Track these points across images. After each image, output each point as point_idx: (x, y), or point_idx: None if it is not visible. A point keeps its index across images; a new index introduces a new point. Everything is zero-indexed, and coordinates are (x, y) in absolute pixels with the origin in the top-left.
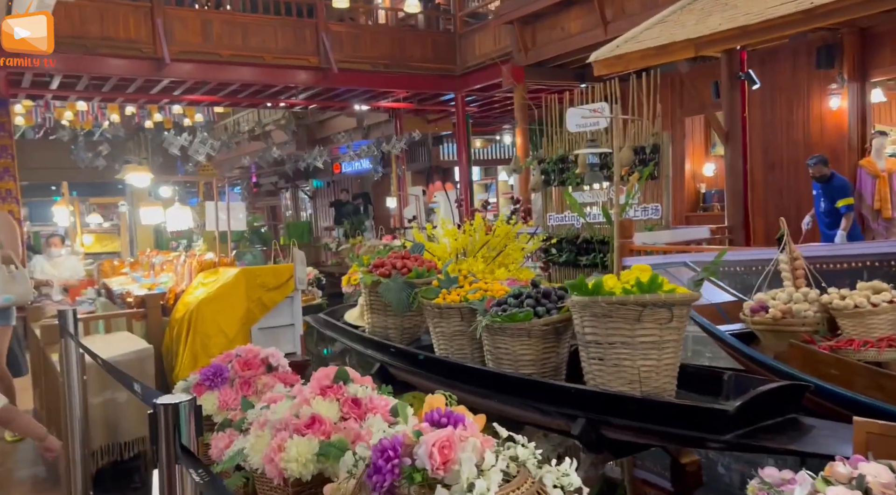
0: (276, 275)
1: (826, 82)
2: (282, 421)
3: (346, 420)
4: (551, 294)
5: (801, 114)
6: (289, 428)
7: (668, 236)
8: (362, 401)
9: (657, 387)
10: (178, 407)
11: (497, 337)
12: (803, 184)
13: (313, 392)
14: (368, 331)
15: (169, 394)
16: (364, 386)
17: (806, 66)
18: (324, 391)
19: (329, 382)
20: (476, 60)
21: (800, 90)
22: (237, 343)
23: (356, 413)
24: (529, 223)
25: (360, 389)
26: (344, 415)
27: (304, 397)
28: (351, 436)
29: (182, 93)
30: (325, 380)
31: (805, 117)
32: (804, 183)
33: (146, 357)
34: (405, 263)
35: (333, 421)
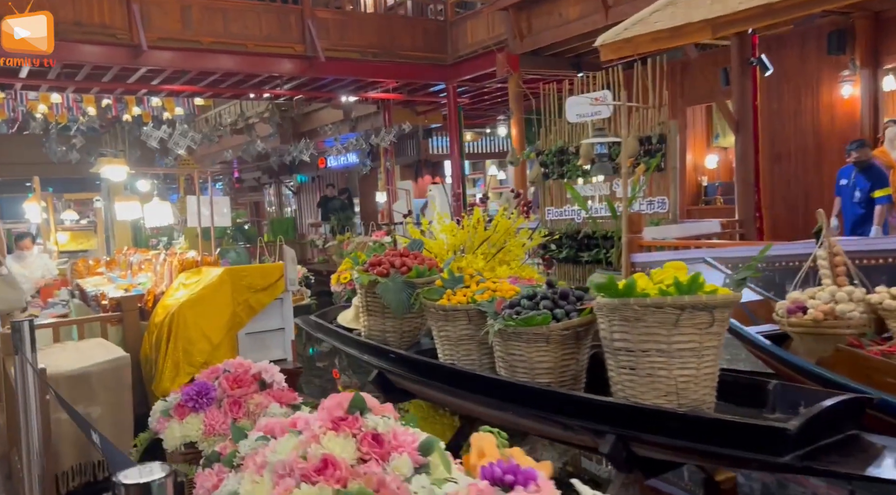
0: (264, 275)
1: (836, 69)
2: (285, 464)
3: (366, 462)
4: (569, 294)
5: (809, 102)
6: (294, 474)
7: (678, 230)
8: (385, 438)
9: (696, 400)
10: (150, 488)
11: (511, 342)
12: (811, 176)
13: (323, 426)
14: (365, 334)
15: (141, 466)
16: (385, 417)
17: (815, 53)
18: (336, 424)
19: (342, 413)
20: (468, 49)
21: (808, 77)
22: (222, 349)
23: (378, 452)
24: (531, 217)
25: (382, 422)
26: (363, 456)
27: (312, 433)
28: (373, 484)
29: (160, 82)
30: (338, 411)
31: (814, 106)
32: (812, 174)
33: (122, 366)
34: (404, 261)
35: (350, 464)
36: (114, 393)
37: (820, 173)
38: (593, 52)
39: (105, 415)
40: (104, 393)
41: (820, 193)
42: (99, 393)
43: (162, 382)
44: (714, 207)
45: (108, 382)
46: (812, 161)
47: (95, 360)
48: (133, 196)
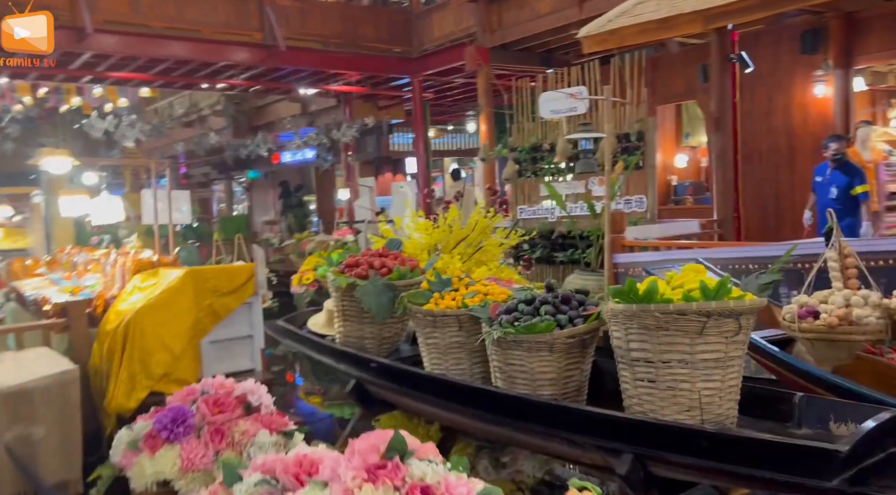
0: (230, 277)
1: (810, 68)
2: None
3: None
4: (571, 299)
5: (781, 101)
6: None
7: (659, 230)
8: (435, 491)
9: (720, 415)
10: None
11: (510, 351)
12: (783, 175)
13: (357, 476)
14: (340, 341)
15: None
16: (432, 462)
17: (788, 52)
18: (374, 474)
19: (379, 458)
20: (434, 42)
21: (781, 77)
22: (184, 360)
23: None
24: (509, 215)
25: (430, 469)
26: None
27: (344, 487)
28: None
29: (106, 69)
30: (374, 455)
31: (786, 105)
32: (784, 173)
33: (70, 381)
34: (384, 262)
35: None
36: (60, 412)
37: (792, 173)
38: (563, 48)
39: (50, 437)
40: (49, 412)
41: (791, 194)
42: (42, 412)
43: (116, 398)
44: (684, 207)
45: (54, 399)
46: (784, 161)
47: (38, 374)
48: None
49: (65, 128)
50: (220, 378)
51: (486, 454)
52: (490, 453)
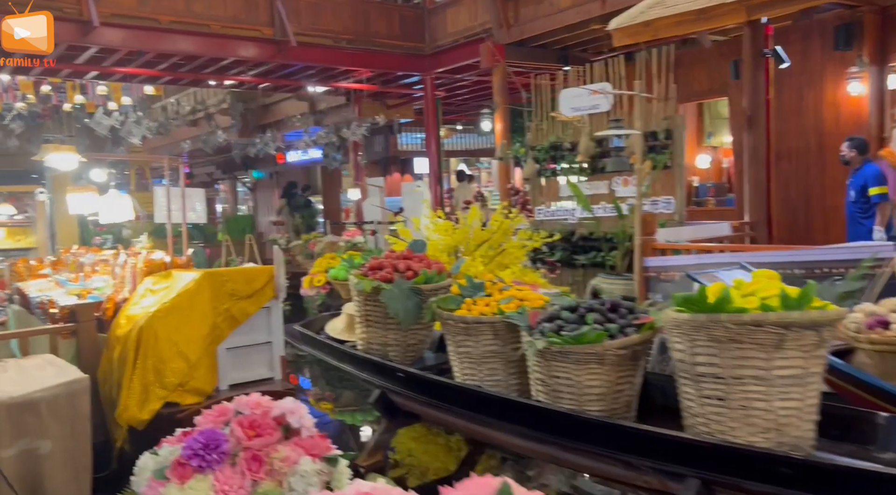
0: (248, 280)
1: (843, 65)
2: None
3: None
4: (620, 307)
5: (812, 99)
6: None
7: (690, 233)
8: None
9: (797, 437)
10: None
11: (555, 363)
12: (813, 177)
13: None
14: (362, 347)
15: None
16: None
17: (820, 48)
18: None
19: None
20: (448, 38)
21: (812, 74)
22: (200, 369)
23: None
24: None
25: None
26: None
27: None
28: None
29: (112, 64)
30: None
31: (817, 103)
32: (814, 175)
33: (79, 391)
34: (409, 265)
35: None
36: (68, 425)
37: (822, 174)
38: (580, 45)
39: (57, 451)
40: (56, 425)
41: (822, 195)
42: (50, 425)
43: (129, 409)
44: (706, 209)
45: (62, 411)
46: (814, 161)
47: (45, 383)
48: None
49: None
50: (256, 395)
51: (510, 467)
52: (515, 466)
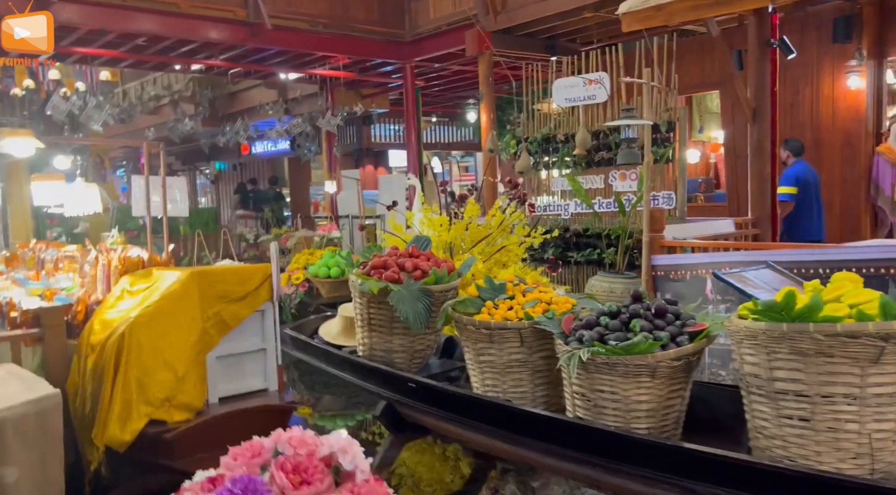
0: (240, 280)
1: (841, 59)
2: None
3: None
4: (666, 311)
5: (808, 93)
6: None
7: (696, 230)
8: None
9: (892, 463)
10: None
11: (598, 376)
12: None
13: None
14: (364, 354)
15: None
16: None
17: (816, 42)
18: None
19: None
20: (430, 25)
21: (808, 67)
22: (188, 381)
23: None
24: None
25: None
26: None
27: None
28: None
29: (71, 44)
30: None
31: (813, 97)
32: None
33: (50, 409)
34: (416, 264)
35: None
36: (37, 449)
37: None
38: (569, 34)
39: (24, 480)
40: (23, 450)
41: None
42: (16, 450)
43: (108, 428)
44: (696, 205)
45: (30, 433)
46: (809, 158)
47: (10, 401)
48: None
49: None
50: (297, 430)
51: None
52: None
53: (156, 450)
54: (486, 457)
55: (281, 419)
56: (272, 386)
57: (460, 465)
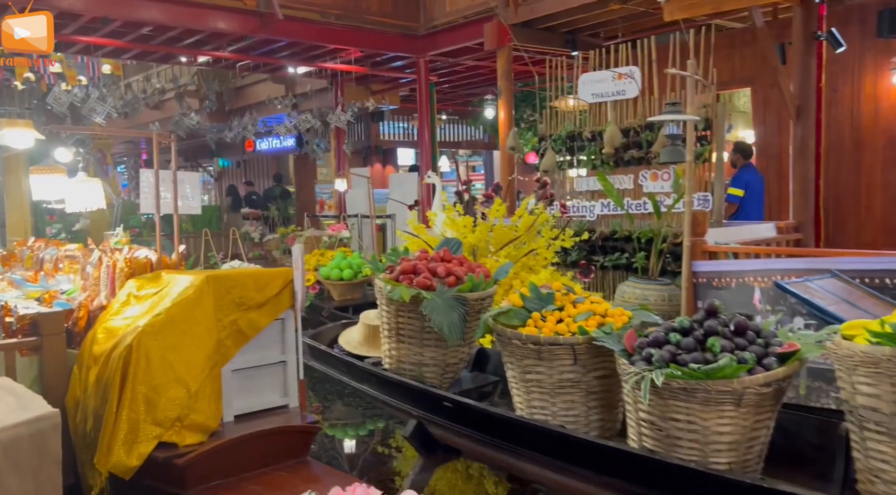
0: (259, 286)
1: (885, 54)
2: None
3: None
4: (747, 328)
5: (847, 91)
6: None
7: (736, 234)
8: None
9: None
10: None
11: (674, 402)
12: (845, 175)
13: None
14: (391, 366)
15: None
16: None
17: (858, 36)
18: None
19: None
20: (445, 18)
21: (848, 63)
22: (202, 398)
23: None
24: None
25: None
26: None
27: None
28: None
29: (74, 32)
30: None
31: (853, 95)
32: (846, 173)
33: (47, 431)
34: (449, 269)
35: None
36: (32, 476)
37: (857, 173)
38: (591, 28)
39: None
40: (16, 477)
41: (856, 196)
42: (8, 477)
43: (113, 451)
44: None
45: (25, 458)
46: (848, 159)
47: (2, 421)
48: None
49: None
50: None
51: None
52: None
53: (166, 477)
54: (523, 483)
55: (303, 441)
56: (292, 402)
57: (499, 492)
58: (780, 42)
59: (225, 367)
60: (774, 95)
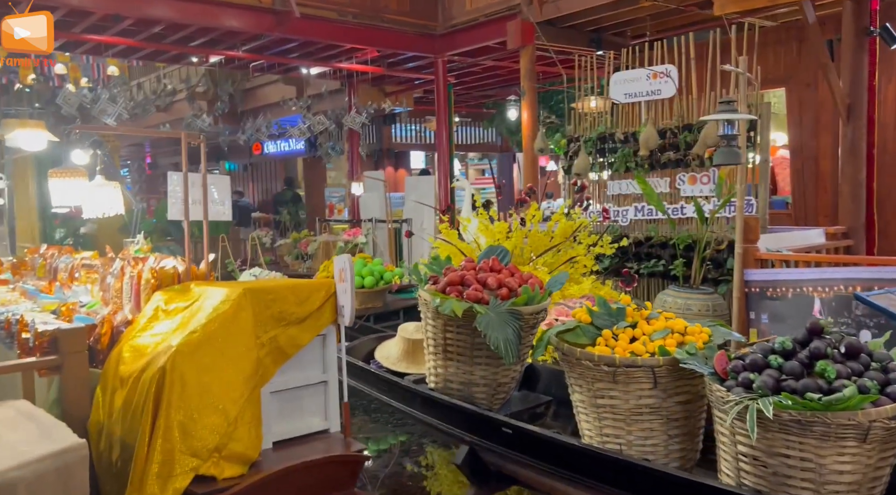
0: (299, 299)
1: None
2: None
3: None
4: (860, 351)
5: (891, 91)
6: None
7: (787, 240)
8: None
9: None
10: None
11: (785, 436)
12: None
13: None
14: (437, 386)
15: None
16: None
17: None
18: None
19: None
20: (465, 17)
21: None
22: (242, 425)
23: None
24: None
25: None
26: None
27: None
28: None
29: (83, 30)
30: None
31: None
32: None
33: (74, 465)
34: (501, 280)
35: None
36: None
37: None
38: (617, 27)
39: None
40: None
41: None
42: None
43: (146, 486)
44: None
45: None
46: (892, 161)
47: (25, 455)
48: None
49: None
50: None
51: None
52: None
53: None
54: None
55: (350, 472)
56: (333, 426)
57: None
58: (827, 38)
59: (263, 389)
60: (810, 95)
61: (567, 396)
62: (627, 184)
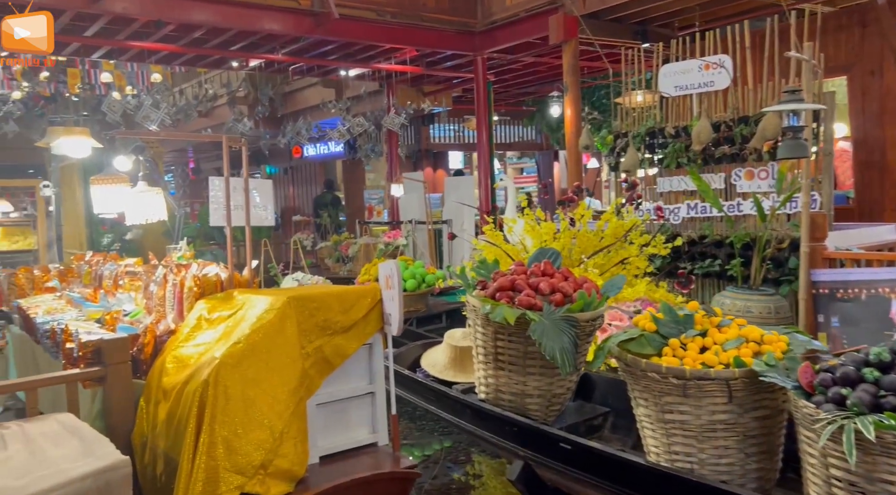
0: (345, 307)
1: None
2: None
3: None
4: None
5: None
6: None
7: (855, 238)
8: None
9: None
10: None
11: (886, 460)
12: None
13: None
14: (487, 396)
15: None
16: None
17: None
18: None
19: None
20: (505, 13)
21: None
22: (288, 440)
23: None
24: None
25: None
26: None
27: None
28: None
29: (127, 37)
30: None
31: None
32: None
33: (117, 484)
34: (553, 285)
35: None
36: None
37: None
38: (663, 18)
39: None
40: None
41: None
42: None
43: None
44: None
45: None
46: None
47: (68, 473)
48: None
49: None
50: None
51: None
52: None
53: None
54: None
55: (402, 489)
56: (382, 439)
57: None
58: None
59: (309, 401)
60: (875, 83)
61: (625, 406)
62: (679, 180)
